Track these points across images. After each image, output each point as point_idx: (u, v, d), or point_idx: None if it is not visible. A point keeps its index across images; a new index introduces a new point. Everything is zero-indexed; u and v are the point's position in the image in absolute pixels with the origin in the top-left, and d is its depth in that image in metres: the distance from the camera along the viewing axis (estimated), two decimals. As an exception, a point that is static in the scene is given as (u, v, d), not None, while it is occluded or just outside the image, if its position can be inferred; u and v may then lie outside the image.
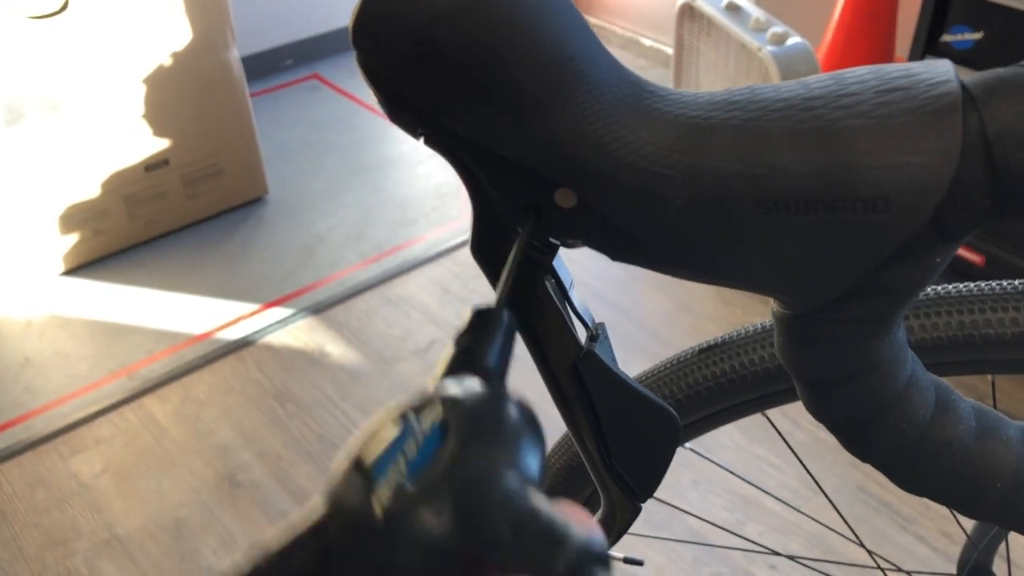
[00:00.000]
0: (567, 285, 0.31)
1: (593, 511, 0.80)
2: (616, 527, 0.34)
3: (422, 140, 0.29)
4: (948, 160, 0.24)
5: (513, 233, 0.29)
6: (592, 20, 3.04)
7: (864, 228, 0.25)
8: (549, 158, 0.26)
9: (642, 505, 0.33)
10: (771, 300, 0.30)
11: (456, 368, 0.25)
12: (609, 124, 0.26)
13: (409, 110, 0.27)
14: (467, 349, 0.25)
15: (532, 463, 0.21)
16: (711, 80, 1.87)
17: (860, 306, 0.27)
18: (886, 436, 0.29)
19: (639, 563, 1.01)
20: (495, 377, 0.25)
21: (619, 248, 0.28)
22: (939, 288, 0.61)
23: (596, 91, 0.26)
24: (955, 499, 0.31)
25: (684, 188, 0.26)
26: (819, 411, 0.30)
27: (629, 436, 0.32)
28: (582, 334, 0.31)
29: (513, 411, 0.22)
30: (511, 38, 0.26)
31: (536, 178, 0.27)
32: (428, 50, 0.26)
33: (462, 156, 0.28)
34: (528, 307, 0.31)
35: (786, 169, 0.25)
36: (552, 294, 0.31)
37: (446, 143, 0.28)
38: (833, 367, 0.28)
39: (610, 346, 0.32)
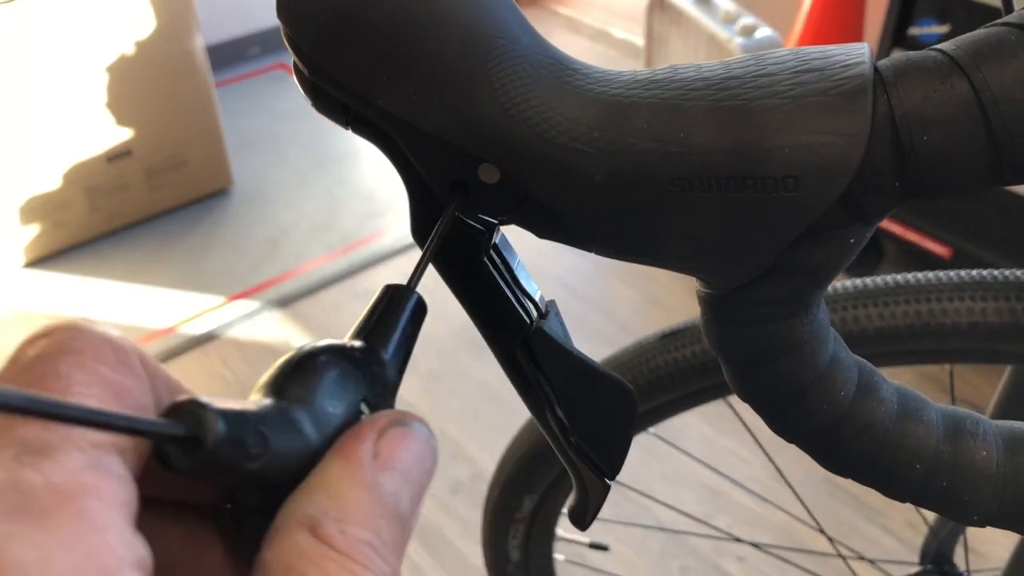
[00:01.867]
0: (513, 264, 0.31)
1: (561, 494, 0.80)
2: (590, 509, 0.34)
3: (349, 129, 0.29)
4: (857, 141, 0.24)
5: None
6: (562, 11, 3.04)
7: (775, 206, 0.25)
8: (471, 133, 0.26)
9: (611, 483, 0.33)
10: (695, 280, 0.30)
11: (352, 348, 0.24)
12: (530, 100, 0.26)
13: (332, 83, 0.27)
14: (365, 328, 0.25)
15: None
16: (680, 72, 1.86)
17: (778, 286, 0.27)
18: (808, 416, 0.30)
19: (604, 548, 1.02)
20: (387, 365, 0.24)
21: (542, 225, 0.28)
22: (898, 277, 0.61)
23: (518, 66, 0.26)
24: (876, 479, 0.31)
25: (602, 165, 0.26)
26: (743, 391, 0.31)
27: (587, 412, 0.32)
28: (532, 312, 0.31)
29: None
30: (432, 10, 0.26)
31: (459, 154, 0.27)
32: (347, 22, 0.26)
33: (388, 133, 0.28)
34: (472, 287, 0.31)
35: (700, 147, 0.25)
36: (495, 273, 0.31)
37: (371, 122, 0.28)
38: (754, 347, 0.29)
39: (562, 323, 0.33)
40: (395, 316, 0.25)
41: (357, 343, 0.24)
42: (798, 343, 0.29)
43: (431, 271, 0.29)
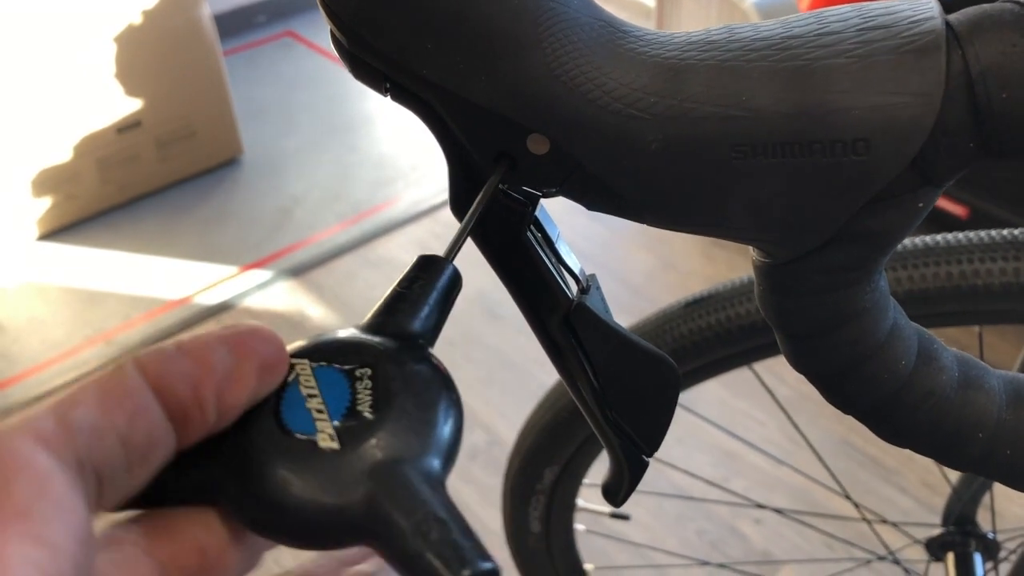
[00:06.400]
0: (553, 237, 0.31)
1: (582, 465, 0.80)
2: (625, 485, 0.34)
3: (388, 96, 0.27)
4: (930, 100, 0.23)
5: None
6: (571, -27, 2.99)
7: (843, 171, 0.24)
8: (520, 102, 0.25)
9: (648, 460, 0.33)
10: (751, 250, 0.29)
11: (385, 314, 0.24)
12: (582, 65, 0.25)
13: (373, 54, 0.26)
14: (400, 296, 0.24)
15: (447, 445, 0.21)
16: (693, 32, 1.84)
17: (841, 254, 0.26)
18: (867, 386, 0.29)
19: (626, 517, 1.02)
20: (423, 334, 0.24)
21: (594, 196, 0.27)
22: (927, 238, 0.60)
23: (569, 31, 0.25)
24: (937, 450, 0.30)
25: (659, 132, 0.25)
26: (800, 362, 0.30)
27: (628, 388, 0.31)
28: (573, 287, 0.31)
29: (434, 378, 0.22)
30: None
31: (507, 124, 0.26)
32: None
33: (432, 104, 0.27)
34: (513, 261, 0.30)
35: (762, 111, 0.24)
36: (536, 247, 0.30)
37: (413, 92, 0.27)
38: (814, 317, 0.28)
39: (602, 297, 0.32)
40: (427, 287, 0.25)
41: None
42: (859, 312, 0.28)
43: (467, 246, 0.28)
